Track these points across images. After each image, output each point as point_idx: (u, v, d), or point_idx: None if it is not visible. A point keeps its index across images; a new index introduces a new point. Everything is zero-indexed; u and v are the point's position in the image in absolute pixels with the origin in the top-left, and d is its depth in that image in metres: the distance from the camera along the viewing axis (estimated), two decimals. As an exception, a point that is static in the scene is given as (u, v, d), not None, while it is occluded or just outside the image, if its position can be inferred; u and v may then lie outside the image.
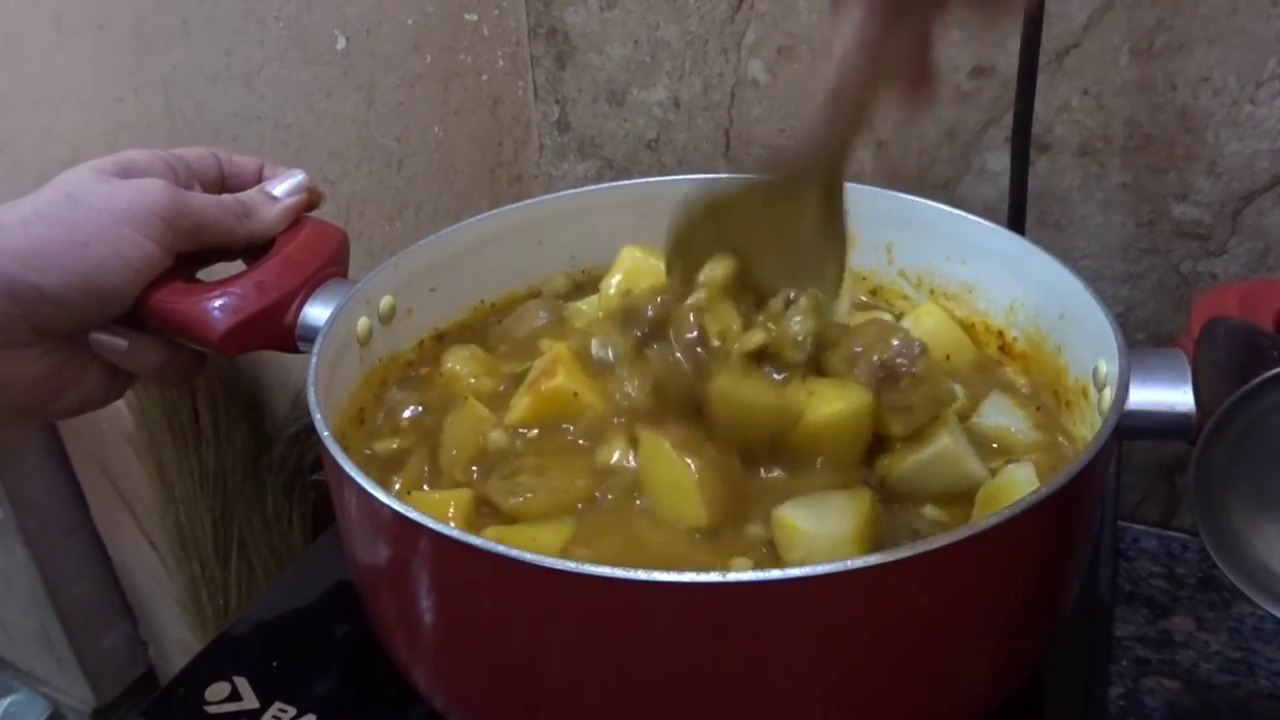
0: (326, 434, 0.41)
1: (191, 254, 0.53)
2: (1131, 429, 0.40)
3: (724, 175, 0.47)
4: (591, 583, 0.33)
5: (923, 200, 0.56)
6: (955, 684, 0.39)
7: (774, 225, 0.45)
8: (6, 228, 0.47)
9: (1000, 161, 0.63)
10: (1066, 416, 0.49)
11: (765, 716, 0.36)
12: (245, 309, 0.51)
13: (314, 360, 0.46)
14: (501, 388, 0.53)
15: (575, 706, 0.38)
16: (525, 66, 0.76)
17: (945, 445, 0.44)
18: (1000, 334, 0.55)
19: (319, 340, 0.47)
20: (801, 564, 0.32)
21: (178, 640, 1.37)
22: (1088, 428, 0.47)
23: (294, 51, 0.85)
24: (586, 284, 0.62)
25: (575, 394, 0.48)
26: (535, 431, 0.48)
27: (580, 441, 0.47)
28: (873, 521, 0.42)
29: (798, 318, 0.44)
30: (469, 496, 0.46)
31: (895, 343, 0.44)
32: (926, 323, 0.54)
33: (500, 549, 0.34)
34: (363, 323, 0.52)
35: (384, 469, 0.50)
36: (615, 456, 0.46)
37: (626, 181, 0.62)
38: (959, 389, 0.49)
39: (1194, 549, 0.63)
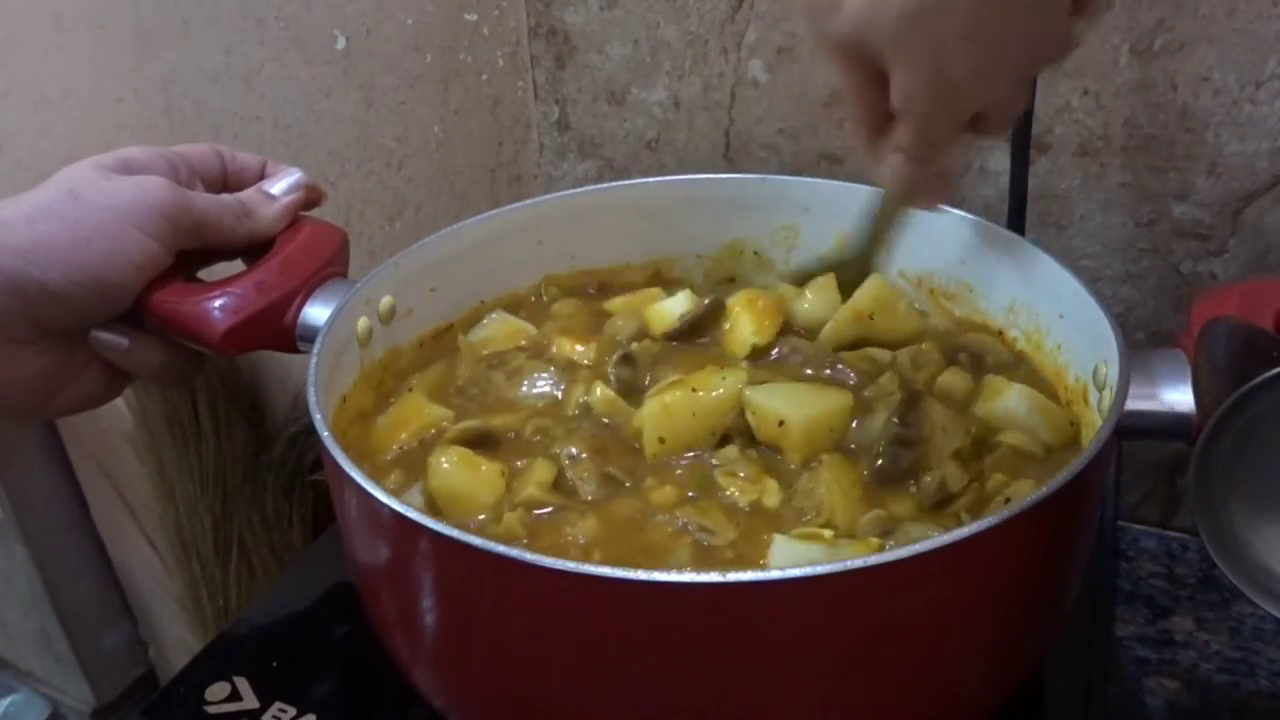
0: (326, 434, 0.41)
1: (191, 254, 0.53)
2: (1131, 429, 0.40)
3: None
4: (591, 583, 0.33)
5: (923, 200, 0.56)
6: (955, 684, 0.39)
7: None
8: (9, 224, 0.47)
9: (1000, 161, 0.63)
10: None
11: (765, 716, 0.36)
12: (245, 309, 0.51)
13: (314, 360, 0.46)
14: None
15: (575, 706, 0.38)
16: (525, 66, 0.76)
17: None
18: (1000, 334, 0.55)
19: (319, 340, 0.47)
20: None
21: (178, 640, 1.37)
22: (1088, 428, 0.47)
23: (294, 51, 0.85)
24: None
25: None
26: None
27: None
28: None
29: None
30: None
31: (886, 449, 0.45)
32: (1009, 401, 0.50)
33: (500, 549, 0.34)
34: (363, 323, 0.52)
35: None
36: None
37: (626, 181, 0.62)
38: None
39: (1194, 549, 0.63)
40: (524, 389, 0.53)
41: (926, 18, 0.37)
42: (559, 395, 0.52)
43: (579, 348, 0.55)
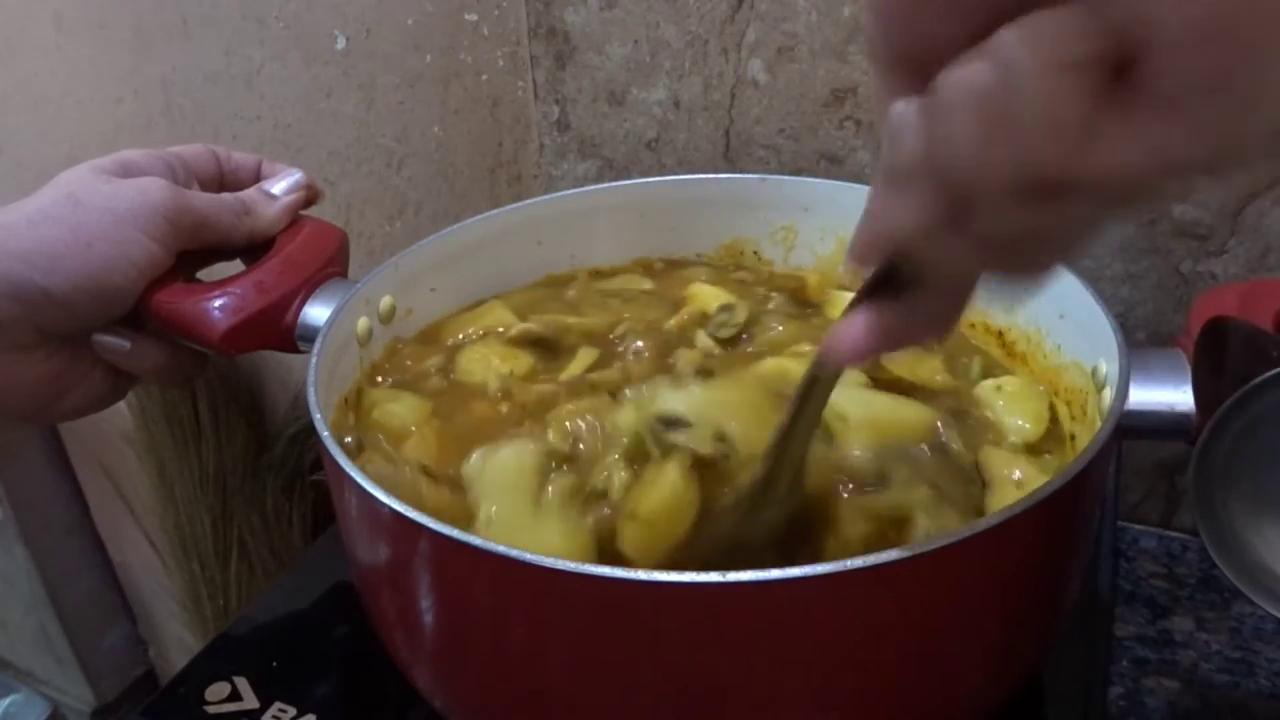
0: (326, 434, 0.41)
1: (191, 254, 0.53)
2: (1131, 429, 0.40)
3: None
4: (591, 583, 0.33)
5: (923, 200, 0.56)
6: (955, 684, 0.39)
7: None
8: (10, 228, 0.47)
9: (1000, 161, 0.63)
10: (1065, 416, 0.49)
11: (765, 716, 0.36)
12: (245, 309, 0.51)
13: (314, 360, 0.46)
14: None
15: (575, 706, 0.38)
16: (525, 66, 0.76)
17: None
18: (1000, 334, 0.55)
19: (319, 340, 0.47)
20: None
21: (178, 640, 1.37)
22: (1088, 428, 0.47)
23: (294, 51, 0.85)
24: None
25: None
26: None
27: None
28: None
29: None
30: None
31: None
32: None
33: (500, 549, 0.34)
34: (363, 323, 0.52)
35: None
36: None
37: (626, 181, 0.62)
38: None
39: (1194, 549, 0.63)
40: (629, 314, 0.56)
41: None
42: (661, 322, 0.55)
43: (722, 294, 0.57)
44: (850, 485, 0.41)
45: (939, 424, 0.45)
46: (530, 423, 0.46)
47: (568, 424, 0.43)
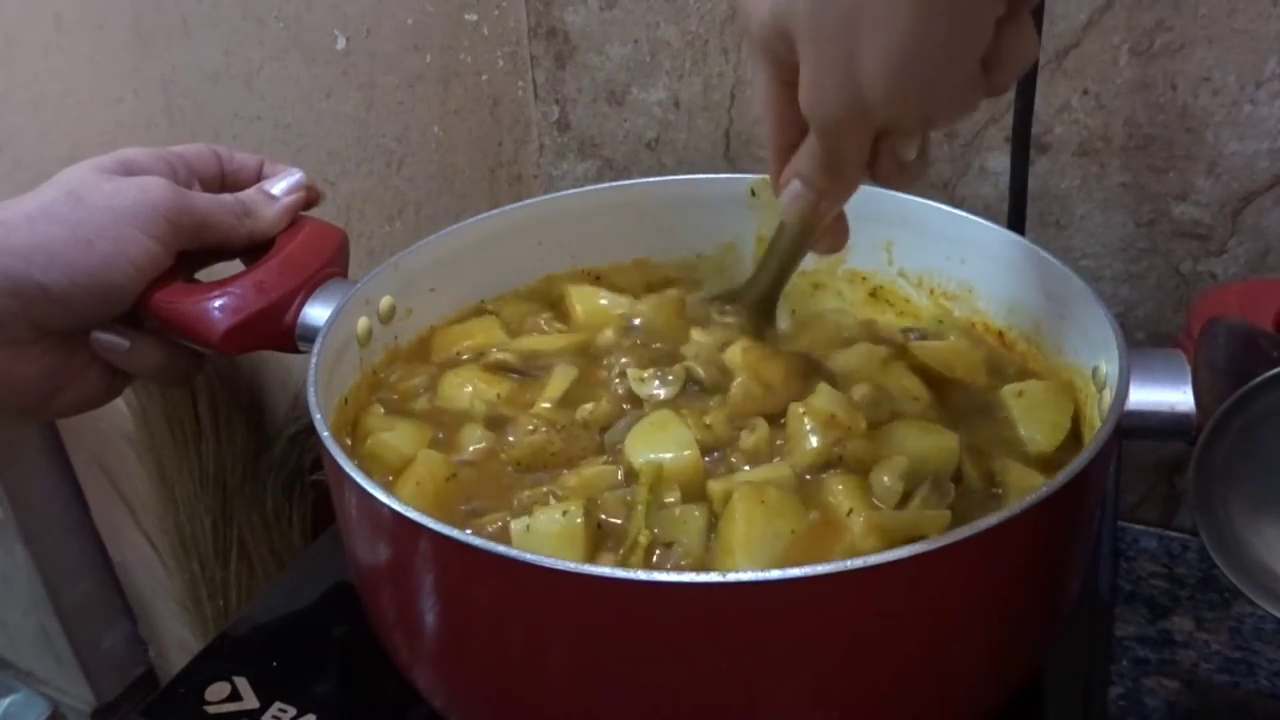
0: (326, 434, 0.41)
1: (191, 254, 0.53)
2: (1131, 429, 0.40)
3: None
4: (591, 583, 0.33)
5: (923, 200, 0.56)
6: (955, 684, 0.39)
7: None
8: (10, 225, 0.47)
9: (1000, 161, 0.63)
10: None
11: (765, 716, 0.36)
12: (245, 309, 0.51)
13: (314, 360, 0.46)
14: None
15: (575, 706, 0.38)
16: (525, 66, 0.76)
17: None
18: (1000, 334, 0.55)
19: (319, 340, 0.47)
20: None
21: (178, 640, 1.37)
22: (1088, 428, 0.47)
23: (294, 51, 0.85)
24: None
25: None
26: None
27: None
28: None
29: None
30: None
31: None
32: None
33: (500, 549, 0.34)
34: (363, 323, 0.52)
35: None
36: None
37: (626, 181, 0.62)
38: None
39: (1194, 549, 0.63)
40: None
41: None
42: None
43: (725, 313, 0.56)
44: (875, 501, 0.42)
45: (960, 453, 0.45)
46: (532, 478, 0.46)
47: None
